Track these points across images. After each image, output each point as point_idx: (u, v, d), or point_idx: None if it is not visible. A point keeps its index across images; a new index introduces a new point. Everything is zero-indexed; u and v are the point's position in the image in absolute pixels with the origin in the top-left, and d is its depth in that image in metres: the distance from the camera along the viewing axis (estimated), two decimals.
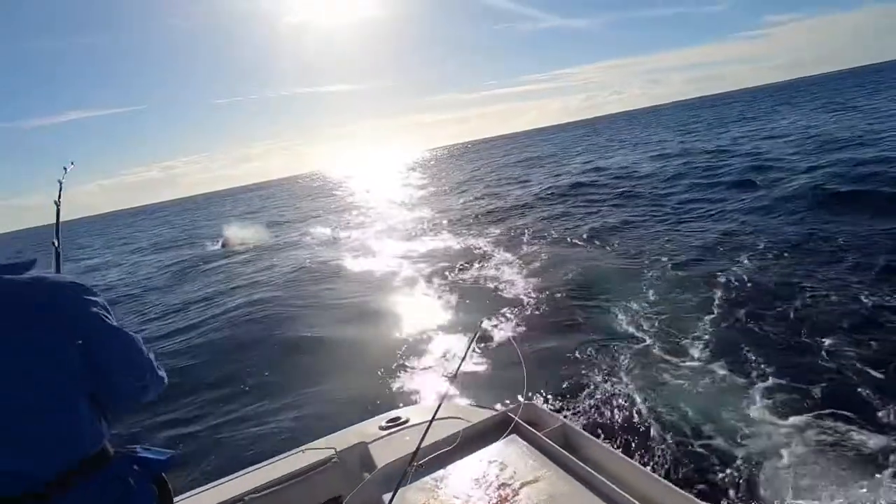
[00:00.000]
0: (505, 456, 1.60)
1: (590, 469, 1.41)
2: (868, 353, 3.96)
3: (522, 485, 1.45)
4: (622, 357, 4.51)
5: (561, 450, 1.52)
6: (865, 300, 4.88)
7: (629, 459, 1.42)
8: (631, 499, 1.26)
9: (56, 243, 1.54)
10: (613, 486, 1.31)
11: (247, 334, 7.48)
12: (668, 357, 4.40)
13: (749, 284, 5.75)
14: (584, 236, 9.45)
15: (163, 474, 1.41)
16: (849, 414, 3.24)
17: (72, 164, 1.92)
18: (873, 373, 3.68)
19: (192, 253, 17.14)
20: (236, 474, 2.10)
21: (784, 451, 3.01)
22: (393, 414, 2.31)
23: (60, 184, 1.78)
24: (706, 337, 4.70)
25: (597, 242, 8.94)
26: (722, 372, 4.02)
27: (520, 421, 1.71)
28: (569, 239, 9.57)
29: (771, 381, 3.78)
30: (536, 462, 1.55)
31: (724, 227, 8.37)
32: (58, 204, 1.71)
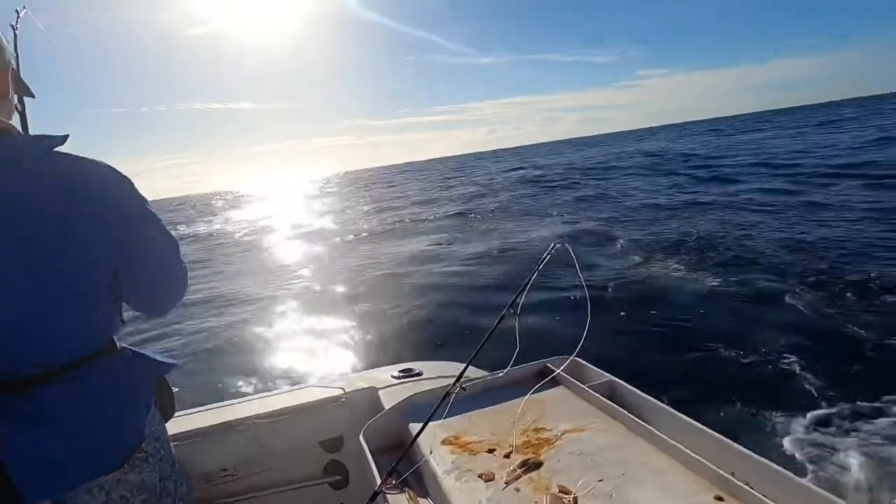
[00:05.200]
0: (546, 403, 1.48)
1: (643, 422, 1.28)
2: None
3: (566, 431, 1.33)
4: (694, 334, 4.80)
5: (609, 402, 1.39)
6: None
7: (690, 419, 1.28)
8: (695, 455, 1.13)
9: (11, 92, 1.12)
10: (673, 442, 1.18)
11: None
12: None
13: None
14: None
15: (166, 378, 1.39)
16: None
17: (24, 8, 1.26)
18: None
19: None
20: (242, 399, 2.06)
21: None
22: (405, 365, 2.25)
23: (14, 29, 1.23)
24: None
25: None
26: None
27: (563, 373, 1.58)
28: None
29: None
30: (581, 411, 1.42)
31: None
32: (15, 29, 1.23)
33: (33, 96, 1.19)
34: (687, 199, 13.39)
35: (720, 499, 1.03)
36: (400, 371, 2.17)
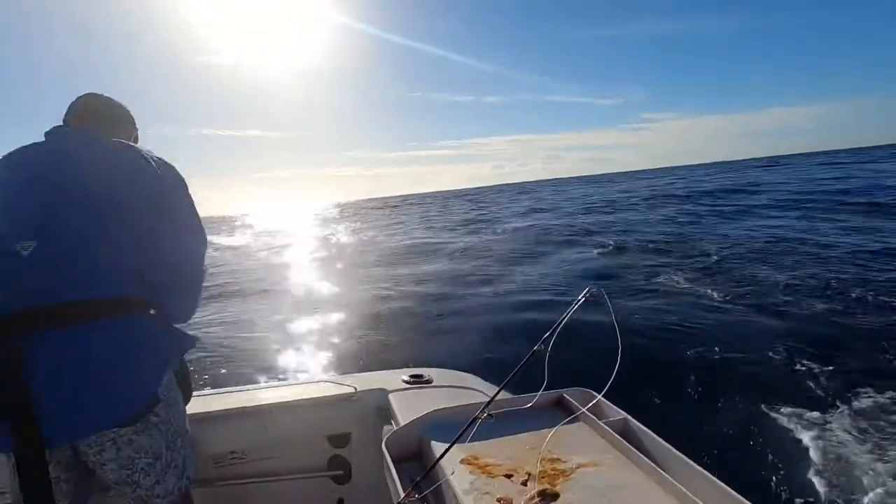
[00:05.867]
0: (561, 434, 1.53)
1: (655, 465, 1.33)
2: None
3: (580, 465, 1.38)
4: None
5: (623, 440, 1.44)
6: None
7: (701, 468, 1.33)
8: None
9: None
10: (684, 490, 1.23)
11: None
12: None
13: None
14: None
15: (185, 360, 1.52)
16: None
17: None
18: None
19: None
20: (256, 386, 2.13)
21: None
22: (415, 371, 2.29)
23: None
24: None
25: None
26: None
27: (578, 405, 1.63)
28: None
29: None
30: (595, 446, 1.47)
31: None
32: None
33: None
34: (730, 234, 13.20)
35: None
36: (410, 376, 2.22)
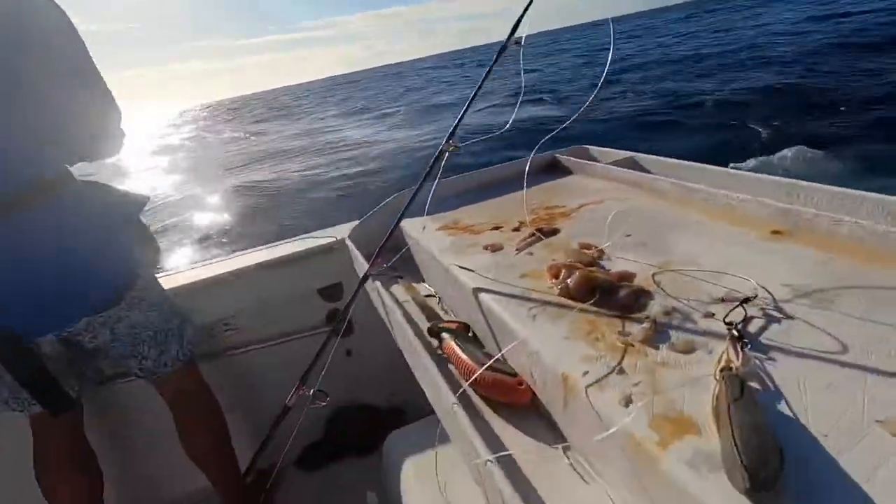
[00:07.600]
0: (559, 187, 1.28)
1: (676, 180, 1.09)
2: None
3: (583, 205, 1.13)
4: None
5: (634, 171, 1.19)
6: None
7: (730, 168, 1.09)
8: (741, 196, 0.94)
9: None
10: (713, 189, 1.00)
11: None
12: None
13: None
14: None
15: (144, 224, 1.35)
16: None
17: None
18: None
19: None
20: (236, 253, 1.94)
21: None
22: None
23: None
24: None
25: None
26: None
27: (573, 158, 1.36)
28: None
29: None
30: (601, 189, 1.22)
31: None
32: None
33: None
34: None
35: (778, 232, 0.86)
36: None
